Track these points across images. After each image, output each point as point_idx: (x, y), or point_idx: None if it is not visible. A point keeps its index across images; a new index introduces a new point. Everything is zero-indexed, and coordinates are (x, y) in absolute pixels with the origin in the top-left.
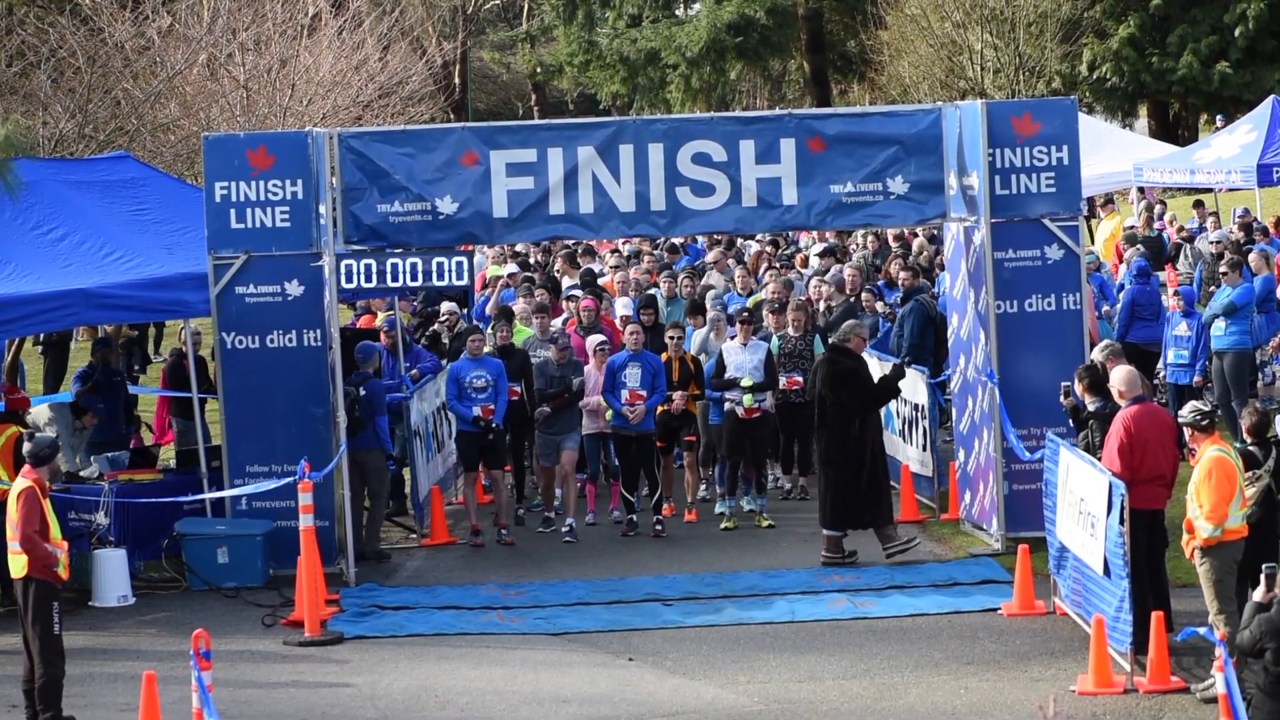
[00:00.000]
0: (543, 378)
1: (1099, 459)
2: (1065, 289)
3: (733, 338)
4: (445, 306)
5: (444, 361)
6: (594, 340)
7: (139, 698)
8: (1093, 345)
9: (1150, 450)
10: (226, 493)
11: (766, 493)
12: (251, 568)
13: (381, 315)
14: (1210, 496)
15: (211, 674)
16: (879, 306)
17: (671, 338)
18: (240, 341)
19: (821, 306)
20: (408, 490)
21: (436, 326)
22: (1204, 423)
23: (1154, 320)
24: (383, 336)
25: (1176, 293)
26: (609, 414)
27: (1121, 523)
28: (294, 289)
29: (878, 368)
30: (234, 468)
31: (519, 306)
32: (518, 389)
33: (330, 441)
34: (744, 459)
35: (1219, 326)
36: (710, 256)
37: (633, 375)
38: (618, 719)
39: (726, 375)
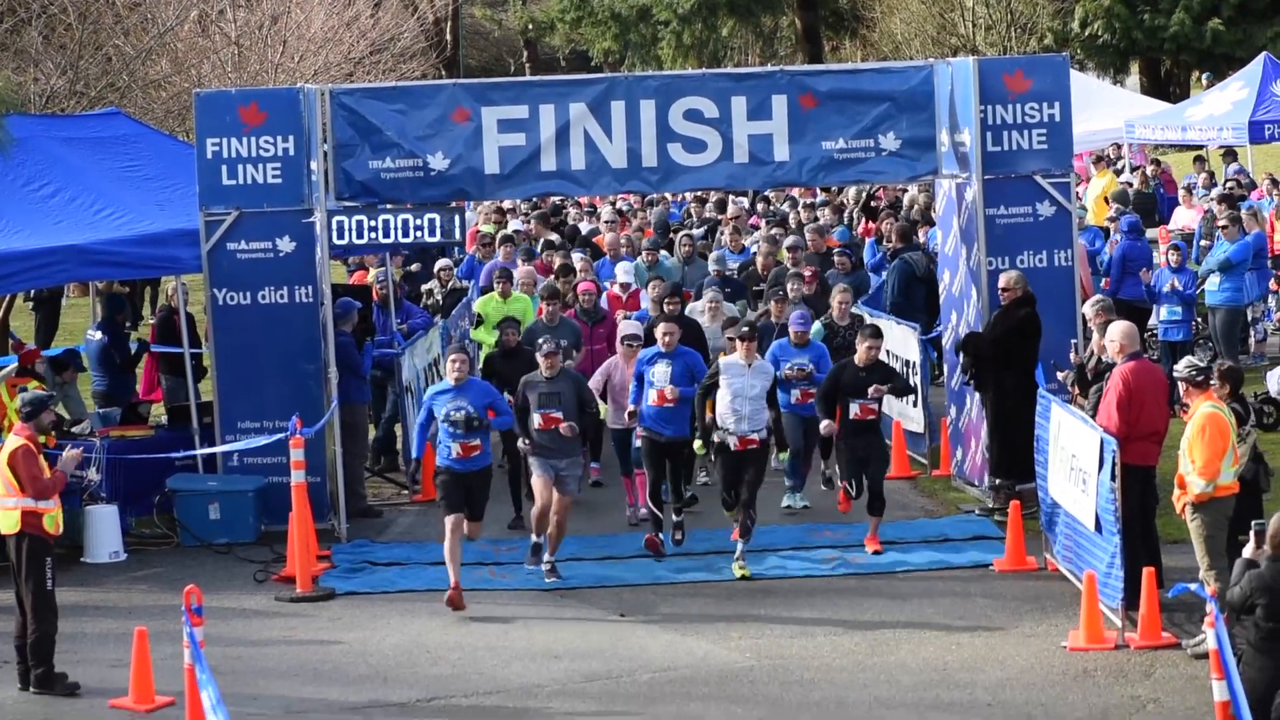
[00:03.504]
0: (532, 393)
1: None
2: (1057, 245)
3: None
4: (440, 263)
5: (436, 318)
6: (626, 328)
7: (130, 653)
8: (1084, 301)
9: (1146, 406)
10: (218, 449)
11: (751, 535)
12: (243, 524)
13: (373, 272)
14: (1203, 452)
15: (203, 630)
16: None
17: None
18: (232, 298)
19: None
20: (399, 447)
21: (431, 284)
22: (1199, 378)
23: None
24: (375, 292)
25: (1175, 246)
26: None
27: (1113, 479)
28: (285, 245)
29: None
30: (225, 424)
31: (520, 271)
32: None
33: (321, 398)
34: (739, 496)
35: (1213, 282)
36: (730, 212)
37: (660, 373)
38: (609, 674)
39: (721, 395)
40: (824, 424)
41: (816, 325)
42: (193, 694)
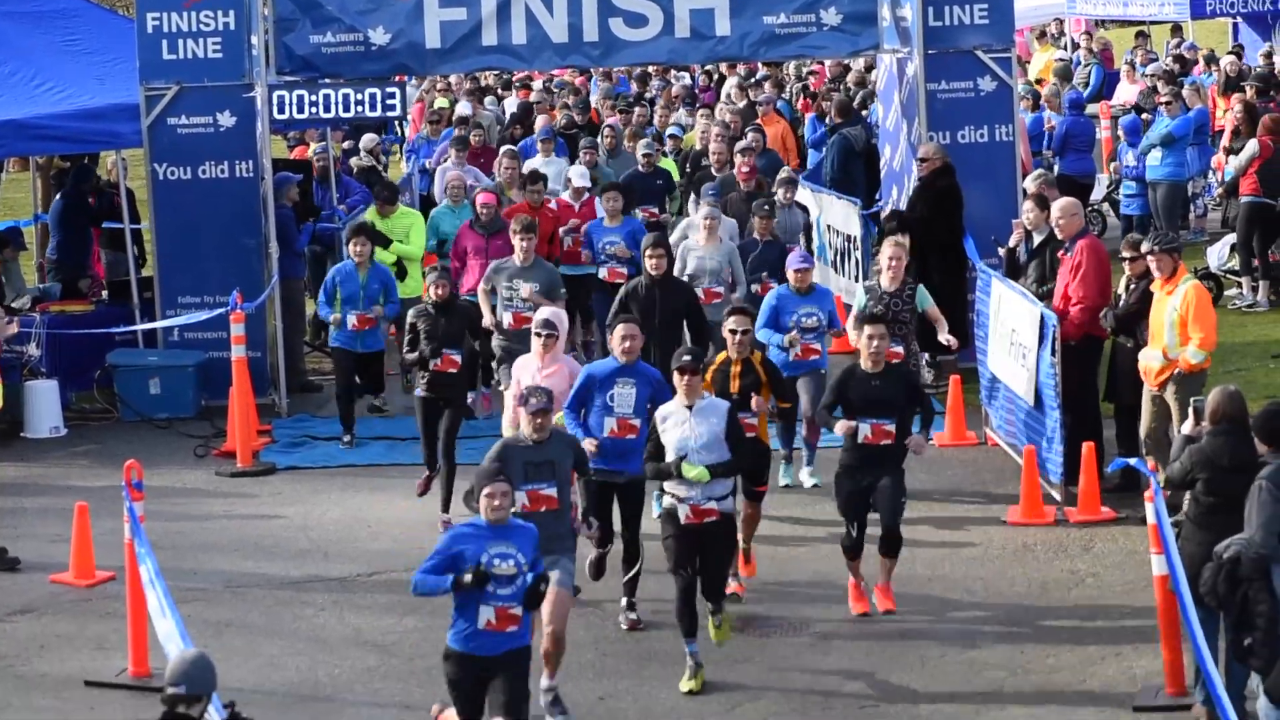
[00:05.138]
0: (513, 462)
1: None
2: (998, 121)
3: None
4: (366, 138)
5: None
6: (539, 319)
7: (71, 528)
8: (1025, 177)
9: (1106, 278)
10: (158, 324)
11: (727, 617)
12: (183, 399)
13: (313, 146)
14: (1203, 324)
15: (143, 505)
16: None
17: (734, 331)
18: (172, 173)
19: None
20: None
21: (364, 158)
22: (1175, 245)
23: (1087, 152)
24: (314, 167)
25: (1146, 118)
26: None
27: (1053, 354)
28: (226, 120)
29: (812, 200)
30: (166, 299)
31: (450, 176)
32: (456, 358)
33: (262, 272)
34: (693, 581)
35: (1155, 157)
36: (674, 91)
37: (623, 397)
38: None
39: (668, 458)
40: (840, 424)
41: (860, 292)
42: (132, 569)
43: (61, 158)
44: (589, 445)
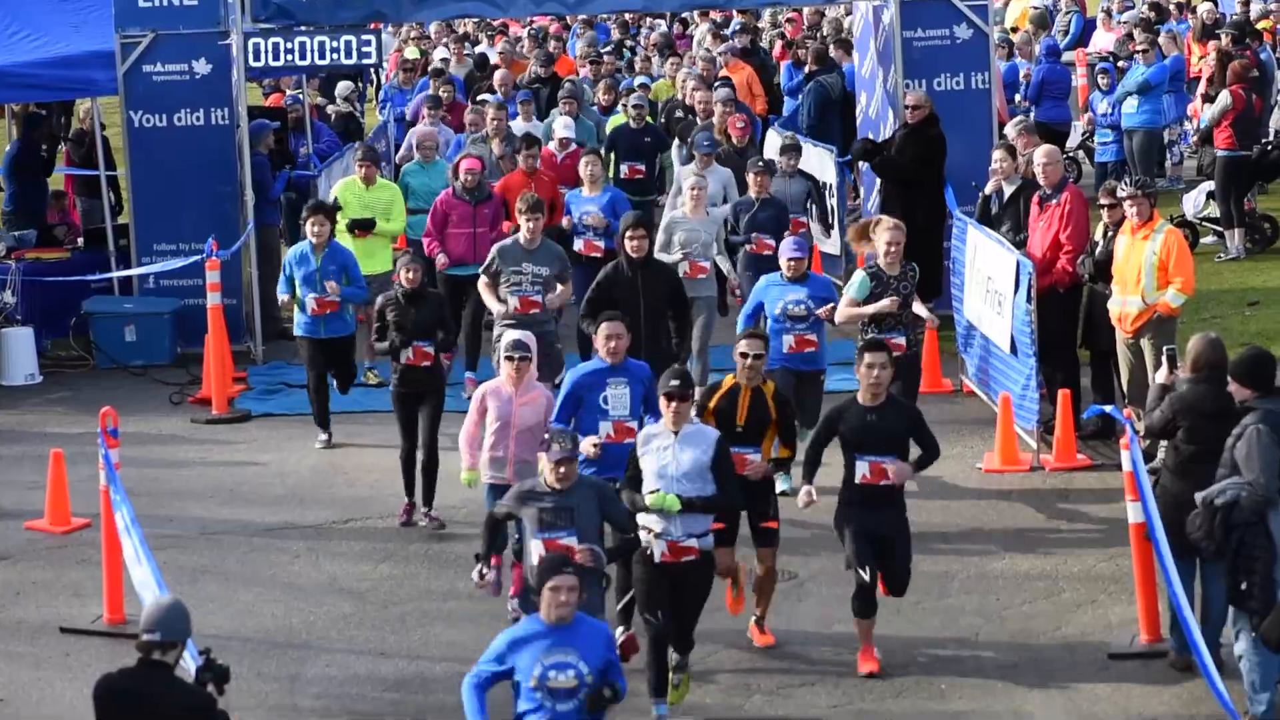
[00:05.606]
0: (528, 509)
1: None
2: (974, 68)
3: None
4: (341, 85)
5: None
6: (510, 340)
7: (46, 476)
8: (1001, 125)
9: (1089, 227)
10: (134, 271)
11: (688, 676)
12: (159, 346)
13: (288, 94)
14: (1183, 269)
15: (119, 452)
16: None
17: (744, 355)
18: (147, 120)
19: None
20: None
21: (340, 105)
22: (1152, 190)
23: (1064, 99)
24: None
25: (1104, 70)
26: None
27: (1029, 301)
28: (201, 67)
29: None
30: (141, 246)
31: (420, 133)
32: (429, 350)
33: (237, 220)
34: (665, 629)
35: (1131, 104)
36: (652, 39)
37: (617, 398)
38: None
39: (644, 486)
40: (802, 492)
41: (860, 275)
42: (108, 515)
43: (37, 105)
44: (588, 446)
